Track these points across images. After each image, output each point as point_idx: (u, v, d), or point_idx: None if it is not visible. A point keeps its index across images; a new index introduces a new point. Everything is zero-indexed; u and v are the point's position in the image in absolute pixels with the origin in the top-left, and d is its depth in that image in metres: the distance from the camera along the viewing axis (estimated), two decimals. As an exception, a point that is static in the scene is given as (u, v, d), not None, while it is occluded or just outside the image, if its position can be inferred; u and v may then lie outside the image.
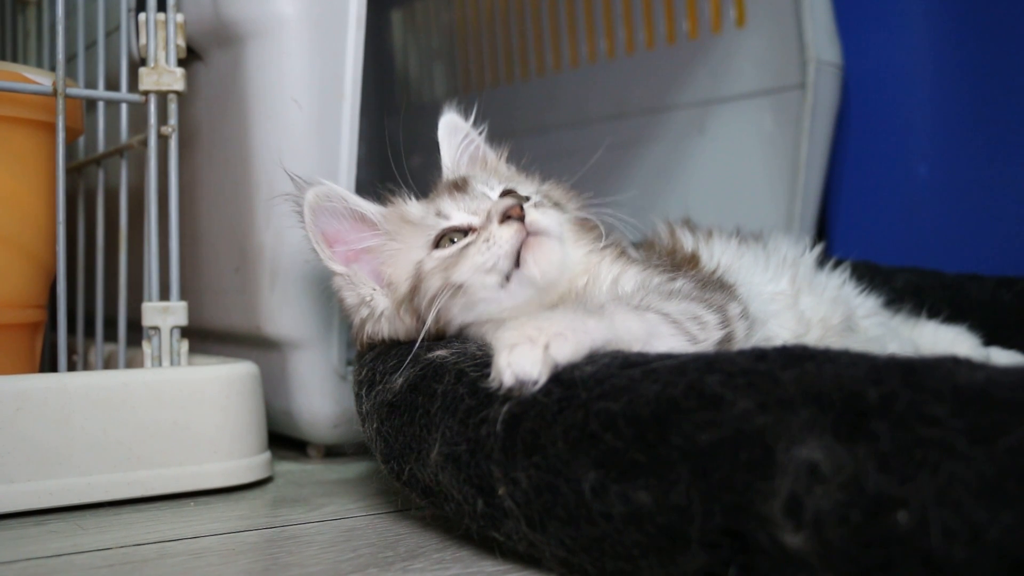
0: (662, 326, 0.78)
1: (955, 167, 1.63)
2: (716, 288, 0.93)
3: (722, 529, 0.58)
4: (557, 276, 0.90)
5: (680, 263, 1.02)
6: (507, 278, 0.89)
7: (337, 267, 1.00)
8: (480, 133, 1.13)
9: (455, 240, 0.93)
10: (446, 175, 1.05)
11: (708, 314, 0.84)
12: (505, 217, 0.89)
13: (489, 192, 0.98)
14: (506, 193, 0.97)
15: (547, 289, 0.90)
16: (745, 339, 0.88)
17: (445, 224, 0.95)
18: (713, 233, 1.16)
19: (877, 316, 1.23)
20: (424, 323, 0.91)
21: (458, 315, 0.92)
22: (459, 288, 0.90)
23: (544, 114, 2.11)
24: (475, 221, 0.93)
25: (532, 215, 0.89)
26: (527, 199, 0.96)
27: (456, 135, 1.09)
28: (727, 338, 0.84)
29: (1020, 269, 1.49)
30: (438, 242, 0.94)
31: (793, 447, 0.55)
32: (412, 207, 1.00)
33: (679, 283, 0.91)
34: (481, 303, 0.90)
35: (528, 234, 0.88)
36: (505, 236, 0.88)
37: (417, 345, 0.88)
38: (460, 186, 0.99)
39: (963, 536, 0.48)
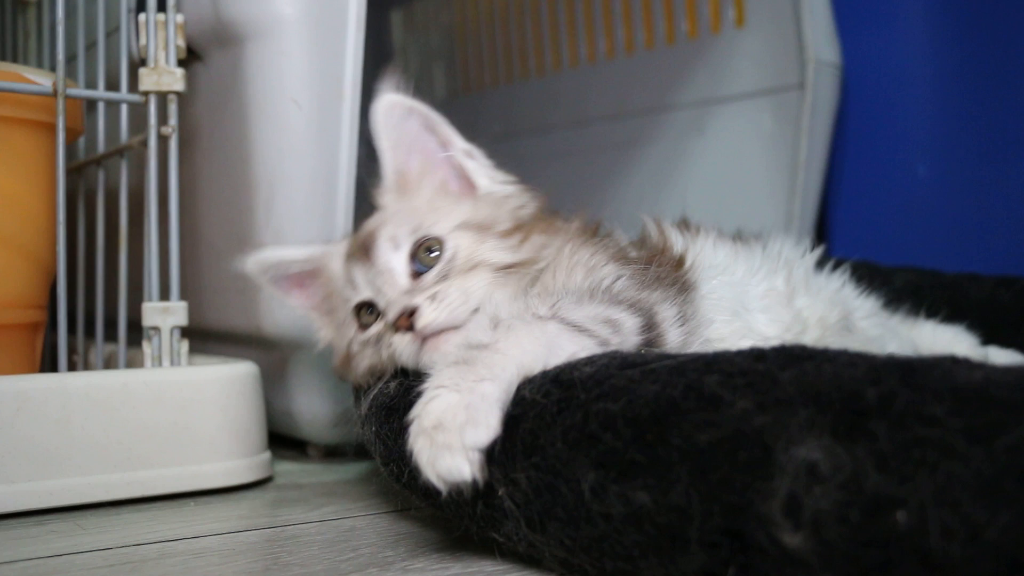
0: (560, 337, 0.75)
1: (954, 167, 1.63)
2: (664, 286, 0.88)
3: (721, 529, 0.58)
4: (479, 329, 0.80)
5: (658, 256, 0.98)
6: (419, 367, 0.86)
7: (311, 316, 1.04)
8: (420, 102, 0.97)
9: (372, 311, 0.91)
10: (384, 182, 0.98)
11: (626, 317, 0.81)
12: (396, 327, 0.85)
13: (394, 260, 0.90)
14: (418, 247, 0.90)
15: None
16: (682, 345, 0.85)
17: (355, 299, 0.92)
18: (701, 230, 1.14)
19: (876, 316, 1.22)
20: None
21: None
22: (383, 372, 0.91)
23: (544, 114, 2.11)
24: (380, 303, 0.90)
25: (424, 319, 0.84)
26: (436, 255, 0.89)
27: (394, 124, 0.96)
28: (648, 343, 0.81)
29: (1019, 269, 1.49)
30: (357, 314, 0.93)
31: (792, 447, 0.55)
32: (335, 265, 0.97)
33: (620, 282, 0.87)
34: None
35: (425, 337, 0.84)
36: (400, 346, 0.86)
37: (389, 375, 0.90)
38: (367, 249, 0.92)
39: (962, 535, 0.48)
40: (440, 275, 0.88)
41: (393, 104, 0.94)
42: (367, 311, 0.92)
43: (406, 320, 0.84)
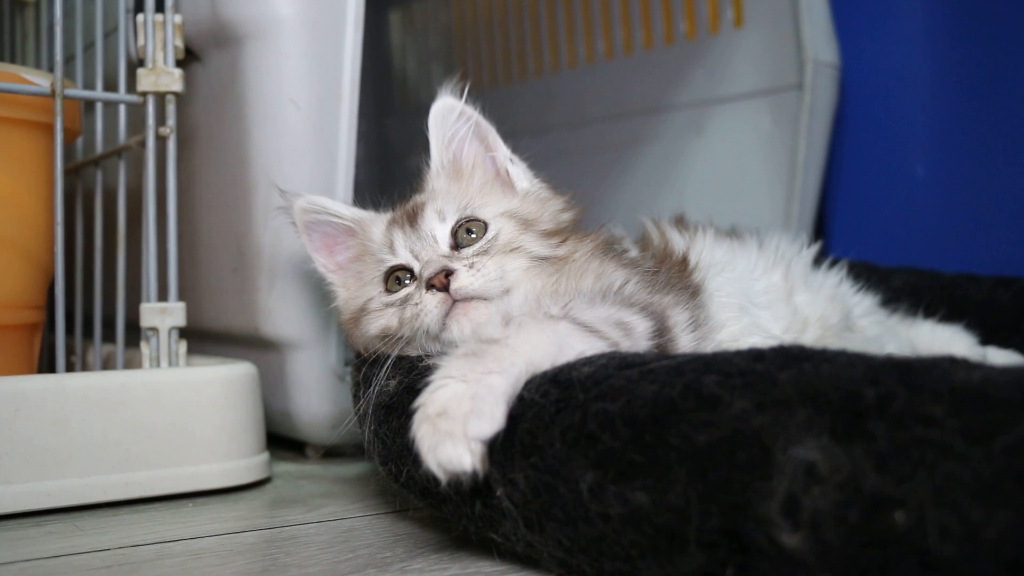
0: (571, 337, 0.75)
1: (953, 167, 1.63)
2: (676, 291, 0.90)
3: (720, 529, 0.58)
4: (490, 324, 0.80)
5: (666, 262, 1.00)
6: (437, 338, 0.88)
7: (329, 276, 1.05)
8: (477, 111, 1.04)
9: (401, 280, 0.94)
10: (432, 169, 1.02)
11: (638, 320, 0.81)
12: (430, 285, 0.87)
13: (438, 230, 0.94)
14: (460, 225, 0.94)
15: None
16: (695, 349, 0.85)
17: (391, 262, 0.95)
18: (699, 229, 1.14)
19: (874, 315, 1.23)
20: (368, 349, 0.96)
21: (399, 348, 0.92)
22: (395, 337, 0.91)
23: (542, 115, 2.11)
24: (416, 267, 0.93)
25: (460, 281, 0.86)
26: (476, 237, 0.92)
27: (447, 123, 1.02)
28: (660, 347, 0.82)
29: (1017, 269, 1.49)
30: (387, 278, 0.95)
31: (790, 447, 0.55)
32: (376, 229, 1.00)
33: (629, 285, 0.88)
34: (417, 349, 0.91)
35: (455, 301, 0.86)
36: (429, 306, 0.87)
37: (392, 359, 0.90)
38: (413, 217, 0.96)
39: (960, 536, 0.48)
40: (480, 251, 0.91)
41: (451, 106, 1.01)
42: (396, 279, 0.94)
43: (442, 279, 0.87)
